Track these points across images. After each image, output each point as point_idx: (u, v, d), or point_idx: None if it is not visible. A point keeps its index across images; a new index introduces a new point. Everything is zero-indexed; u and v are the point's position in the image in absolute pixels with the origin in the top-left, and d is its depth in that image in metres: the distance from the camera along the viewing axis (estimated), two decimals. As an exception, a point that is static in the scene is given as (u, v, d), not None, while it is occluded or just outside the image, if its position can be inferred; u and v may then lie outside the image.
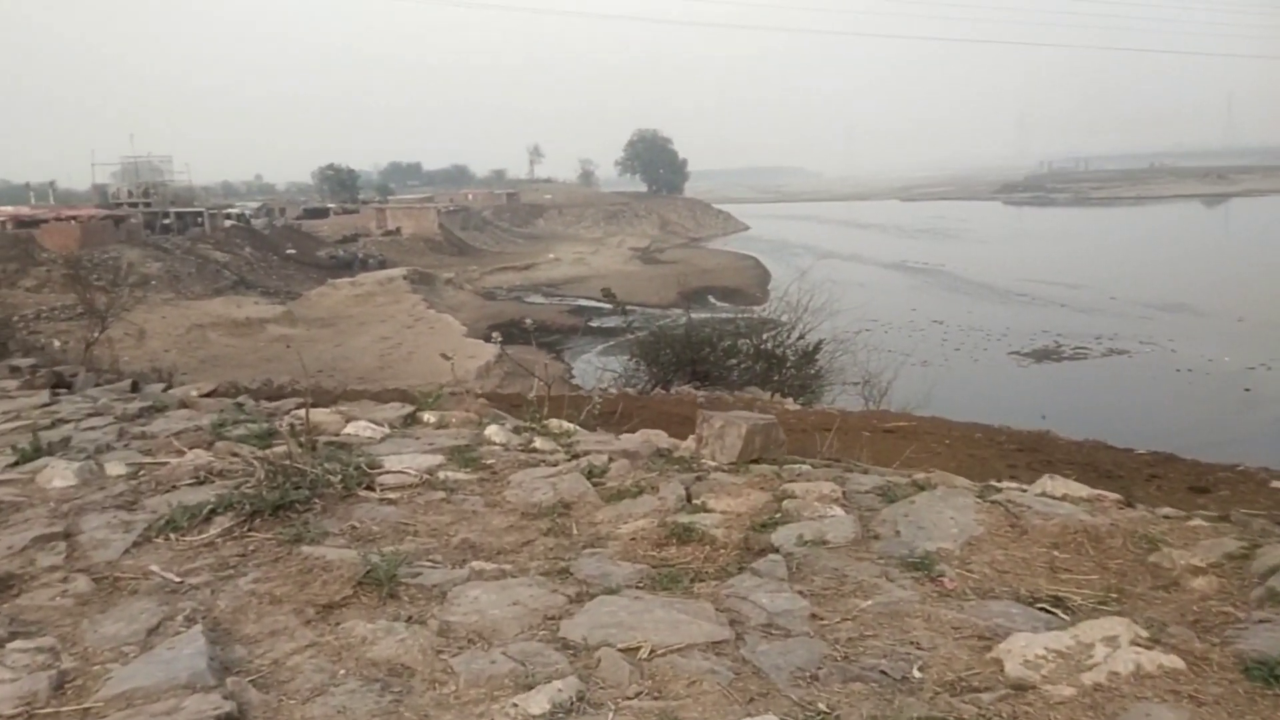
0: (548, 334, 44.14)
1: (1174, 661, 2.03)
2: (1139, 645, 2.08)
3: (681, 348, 17.02)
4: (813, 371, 16.96)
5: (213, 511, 3.49)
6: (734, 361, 17.35)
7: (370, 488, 3.98)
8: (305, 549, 3.18)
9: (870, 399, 16.61)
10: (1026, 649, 2.14)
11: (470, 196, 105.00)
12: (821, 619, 2.61)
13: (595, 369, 28.36)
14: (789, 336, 16.99)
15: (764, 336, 17.07)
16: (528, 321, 35.15)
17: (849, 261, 65.60)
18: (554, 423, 5.53)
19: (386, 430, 5.09)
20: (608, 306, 52.34)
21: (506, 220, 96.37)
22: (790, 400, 14.76)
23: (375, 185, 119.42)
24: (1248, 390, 26.40)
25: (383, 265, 61.55)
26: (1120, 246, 70.78)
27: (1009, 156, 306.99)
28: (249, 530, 3.41)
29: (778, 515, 3.52)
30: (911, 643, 2.42)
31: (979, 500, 3.51)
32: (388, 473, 4.15)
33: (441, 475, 4.18)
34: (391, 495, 3.92)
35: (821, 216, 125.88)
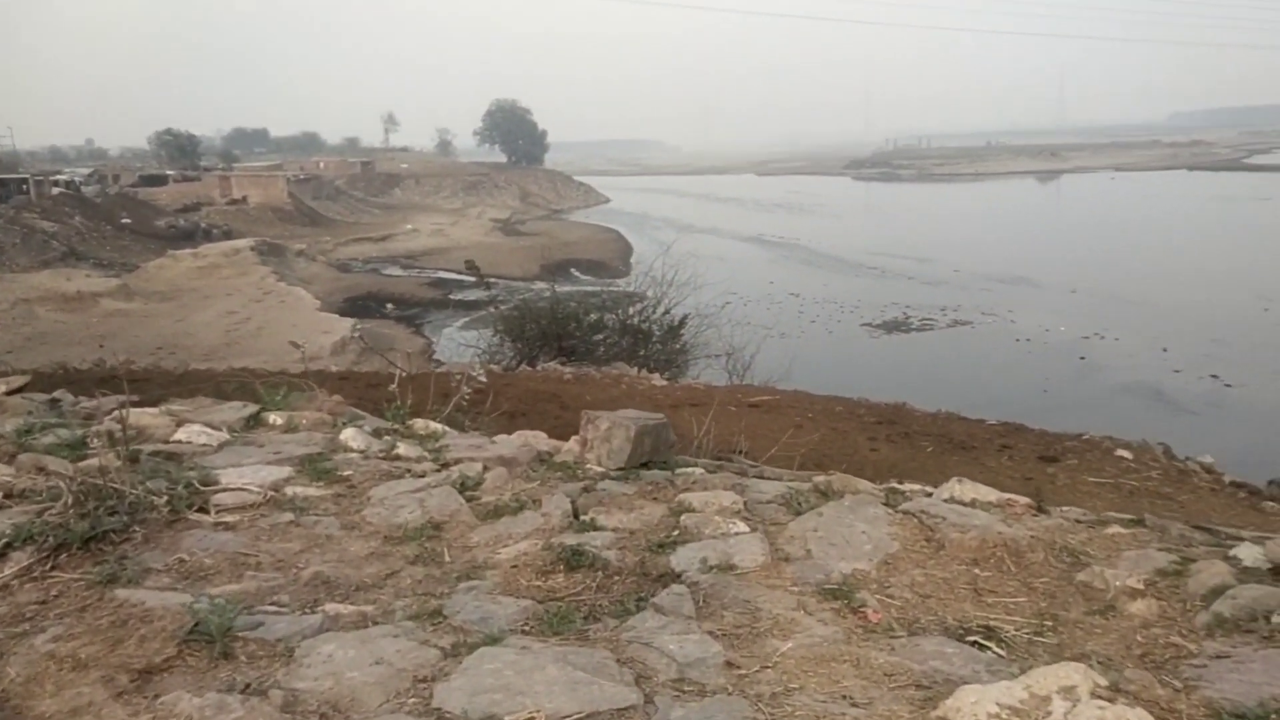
0: (407, 307, 42.88)
1: (1141, 716, 1.80)
2: (1100, 698, 1.84)
3: (547, 323, 16.63)
4: (678, 346, 16.84)
5: (8, 545, 2.91)
6: (600, 337, 17.06)
7: (204, 510, 3.35)
8: (120, 593, 2.63)
9: (734, 373, 16.61)
10: (977, 706, 1.87)
11: (322, 165, 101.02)
12: (738, 667, 2.26)
13: (458, 345, 27.66)
14: (654, 311, 16.80)
15: (630, 312, 16.82)
16: (388, 307, 34.06)
17: (708, 235, 66.19)
18: (419, 423, 4.93)
19: (225, 435, 4.37)
20: (469, 279, 51.28)
21: (361, 190, 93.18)
22: (657, 375, 14.56)
23: (219, 152, 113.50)
24: (1083, 359, 27.78)
25: (228, 236, 58.59)
26: (962, 221, 73.78)
27: (856, 133, 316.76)
28: (52, 569, 2.83)
29: (676, 533, 3.16)
30: (844, 696, 2.11)
31: (889, 510, 3.26)
32: (225, 490, 3.53)
33: (290, 491, 3.58)
34: (229, 518, 3.32)
35: (681, 190, 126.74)
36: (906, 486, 3.93)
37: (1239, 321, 31.23)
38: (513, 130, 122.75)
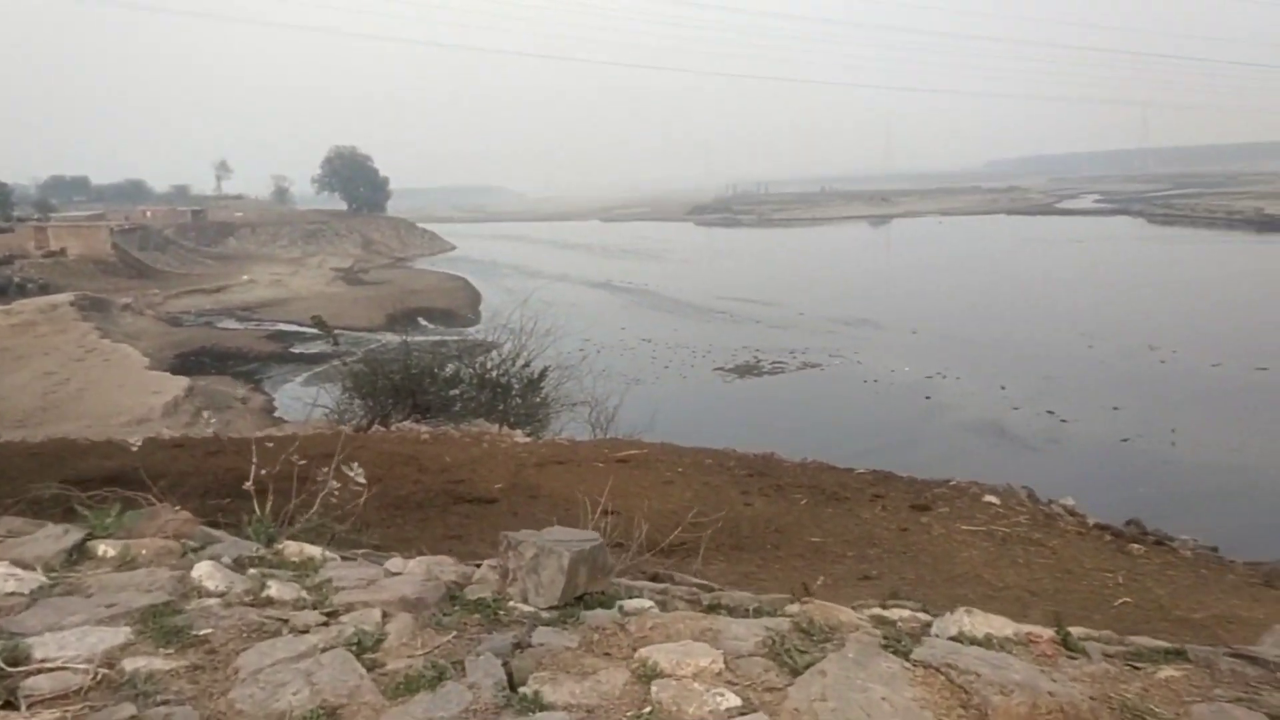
0: (244, 361, 40.77)
1: None
2: None
3: (400, 379, 15.87)
4: (539, 400, 16.36)
5: None
6: (457, 391, 16.41)
7: (11, 703, 2.37)
8: None
9: (598, 426, 16.24)
10: None
11: (149, 214, 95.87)
12: None
13: (303, 403, 26.31)
14: (514, 364, 16.28)
15: (488, 365, 16.24)
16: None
17: (558, 281, 65.98)
18: (291, 548, 3.85)
19: (40, 578, 3.18)
20: (311, 331, 49.34)
21: (193, 239, 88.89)
22: (519, 432, 14.05)
23: (34, 201, 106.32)
24: (928, 398, 28.67)
25: (45, 290, 54.61)
26: (803, 265, 76.12)
27: (697, 179, 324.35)
28: None
29: (648, 711, 2.40)
30: None
31: (903, 663, 2.62)
32: (41, 669, 2.52)
33: (129, 666, 2.58)
34: (48, 714, 2.33)
35: (527, 236, 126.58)
36: (895, 614, 3.27)
37: (1066, 358, 33.00)
38: (353, 177, 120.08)
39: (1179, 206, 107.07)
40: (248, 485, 5.17)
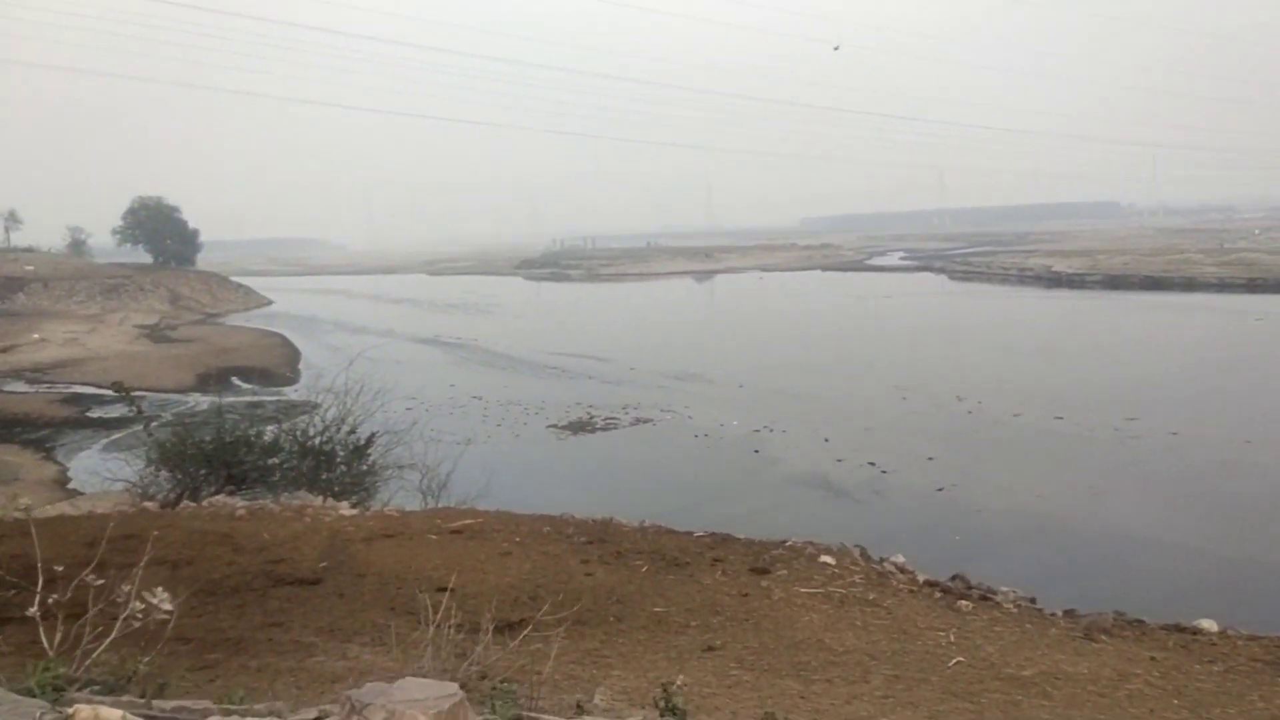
0: (34, 428, 37.56)
1: None
2: None
3: (213, 448, 14.85)
4: (365, 468, 15.63)
5: None
6: (276, 460, 15.48)
7: None
8: None
9: (429, 494, 15.66)
10: None
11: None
12: None
13: (101, 478, 24.36)
14: (338, 430, 15.52)
15: (310, 431, 15.41)
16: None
17: (383, 338, 64.32)
18: (84, 713, 2.93)
19: None
20: (110, 393, 46.06)
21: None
22: (345, 504, 13.32)
23: None
24: (757, 451, 29.24)
25: None
26: (632, 320, 77.09)
27: (525, 234, 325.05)
28: None
29: None
30: None
31: None
32: None
33: None
34: None
35: (351, 290, 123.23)
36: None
37: (883, 410, 34.44)
38: (159, 229, 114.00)
39: (976, 264, 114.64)
40: (32, 611, 4.51)
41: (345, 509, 12.67)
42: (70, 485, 27.79)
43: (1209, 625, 8.96)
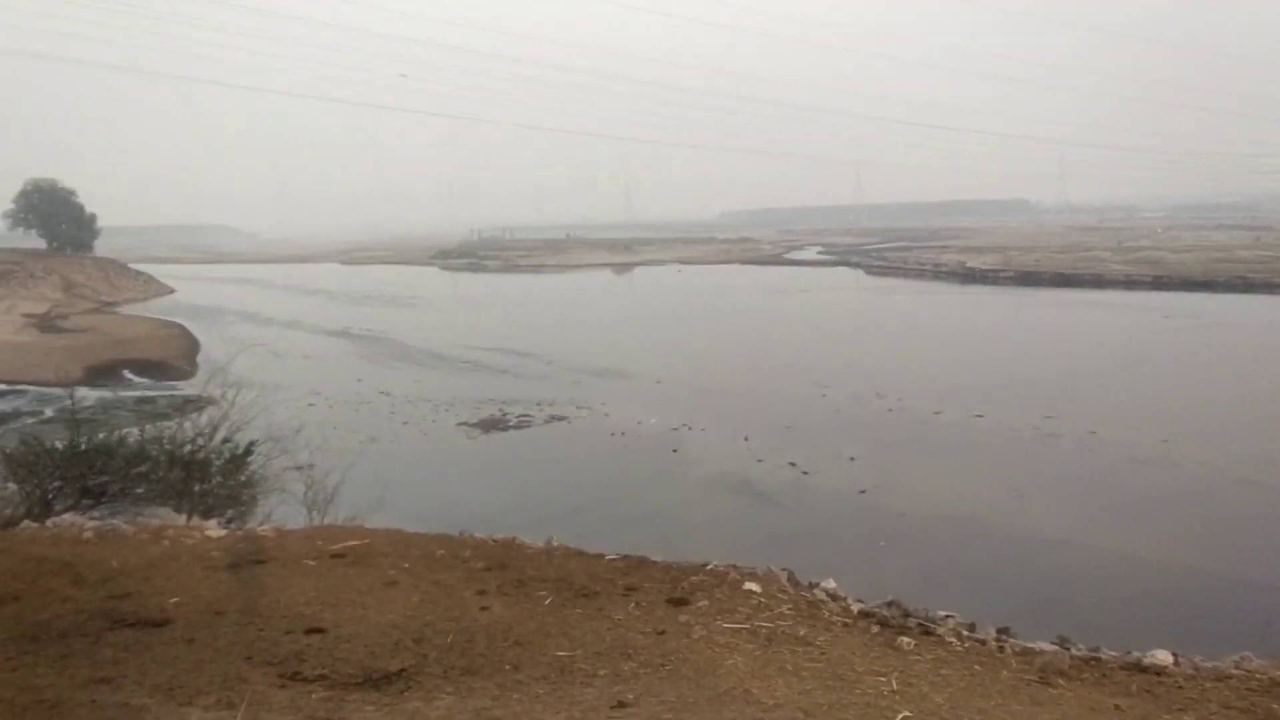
0: (-103, 427, 34.61)
1: None
2: None
3: (67, 459, 13.22)
4: (243, 479, 14.12)
5: None
6: (143, 470, 13.86)
7: None
8: None
9: (314, 508, 14.22)
10: None
11: None
12: None
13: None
14: (212, 437, 13.98)
15: (180, 440, 13.84)
16: None
17: (290, 329, 61.93)
18: None
19: None
20: (-8, 386, 43.08)
21: None
22: (213, 523, 11.86)
23: None
24: (675, 451, 28.31)
25: None
26: (550, 313, 75.67)
27: (440, 223, 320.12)
28: None
29: None
30: None
31: None
32: None
33: None
34: None
35: (260, 280, 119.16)
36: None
37: (804, 408, 33.81)
38: (54, 213, 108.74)
39: (893, 259, 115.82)
40: None
41: (212, 529, 11.23)
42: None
43: (1165, 658, 8.19)
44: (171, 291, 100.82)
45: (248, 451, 13.90)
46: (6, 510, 12.97)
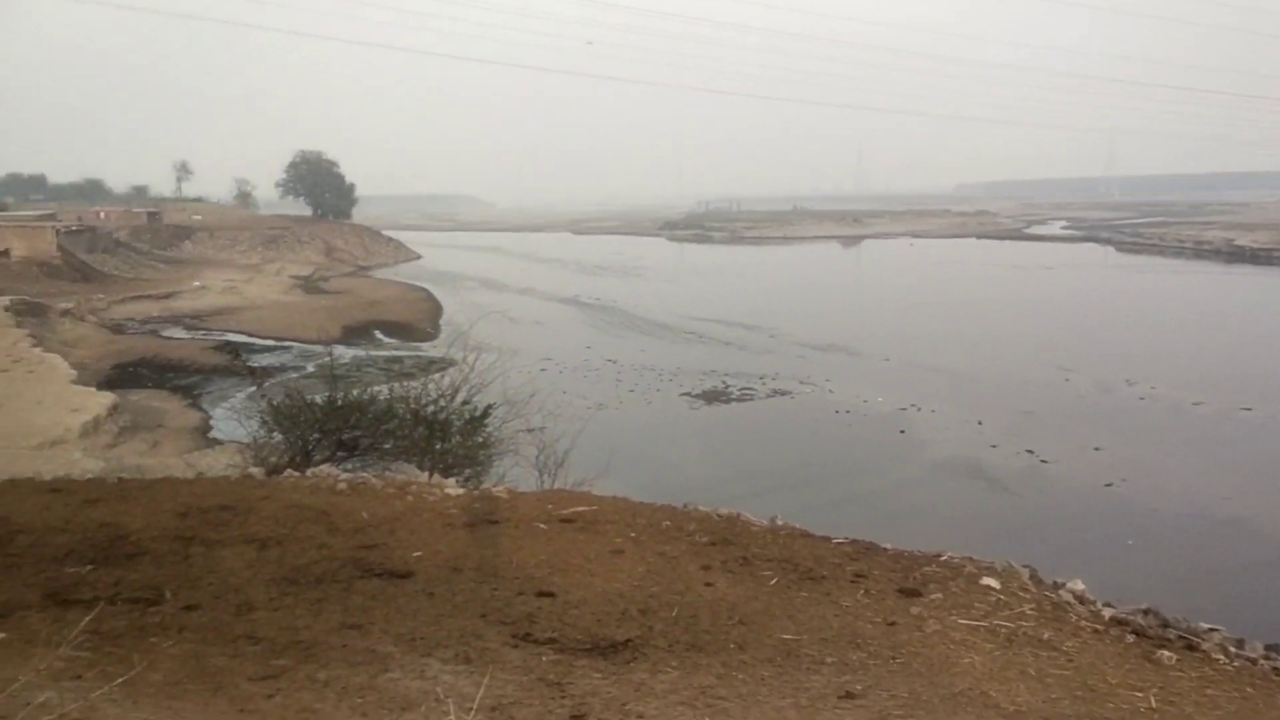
0: (186, 374, 38.75)
1: None
2: None
3: (324, 414, 14.20)
4: (480, 440, 14.71)
5: None
6: (390, 427, 14.72)
7: None
8: None
9: (545, 471, 14.62)
10: None
11: (102, 215, 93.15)
12: None
13: (242, 426, 24.61)
14: (452, 399, 14.63)
15: (423, 400, 14.57)
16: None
17: (523, 295, 64.44)
18: None
19: None
20: (262, 341, 47.35)
21: (147, 243, 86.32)
22: (452, 481, 12.40)
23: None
24: (903, 432, 27.37)
25: (-19, 293, 52.17)
26: (775, 284, 74.99)
27: (669, 194, 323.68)
28: None
29: None
30: None
31: None
32: None
33: None
34: None
35: (497, 247, 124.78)
36: None
37: (1044, 393, 31.88)
38: (319, 183, 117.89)
39: (1148, 235, 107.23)
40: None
41: (451, 487, 11.72)
42: (212, 434, 28.21)
43: None
44: (418, 257, 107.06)
45: (485, 413, 14.46)
46: (272, 458, 14.11)
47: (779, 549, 9.98)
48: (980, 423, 27.80)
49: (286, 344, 45.67)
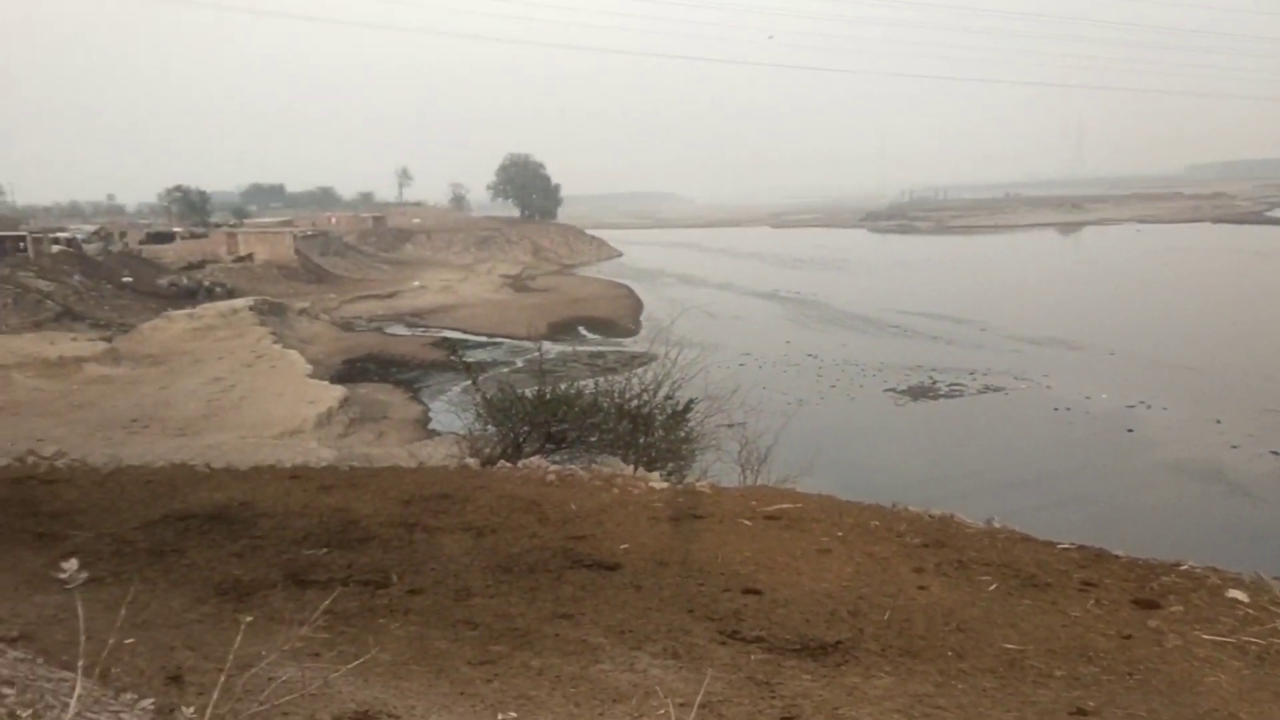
0: (407, 369, 41.05)
1: None
2: None
3: (533, 408, 14.62)
4: (683, 434, 14.76)
5: None
6: (595, 420, 15.00)
7: None
8: None
9: (748, 467, 14.51)
10: None
11: (333, 220, 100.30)
12: None
13: (458, 418, 25.83)
14: (655, 394, 14.75)
15: (628, 394, 14.77)
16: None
17: (722, 291, 64.52)
18: None
19: None
20: (475, 338, 49.63)
21: (372, 245, 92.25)
22: (656, 475, 12.49)
23: (233, 208, 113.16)
24: (1131, 431, 25.61)
25: (231, 294, 57.21)
26: (984, 275, 71.84)
27: (870, 185, 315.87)
28: None
29: None
30: None
31: None
32: None
33: None
34: None
35: (695, 243, 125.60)
36: None
37: (1293, 390, 29.03)
38: (526, 184, 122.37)
39: None
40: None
41: (655, 481, 11.82)
42: (430, 425, 29.72)
43: None
44: (619, 255, 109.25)
45: (687, 408, 14.49)
46: (486, 449, 14.68)
47: (997, 553, 9.49)
48: (1219, 421, 25.65)
49: (498, 340, 47.63)
